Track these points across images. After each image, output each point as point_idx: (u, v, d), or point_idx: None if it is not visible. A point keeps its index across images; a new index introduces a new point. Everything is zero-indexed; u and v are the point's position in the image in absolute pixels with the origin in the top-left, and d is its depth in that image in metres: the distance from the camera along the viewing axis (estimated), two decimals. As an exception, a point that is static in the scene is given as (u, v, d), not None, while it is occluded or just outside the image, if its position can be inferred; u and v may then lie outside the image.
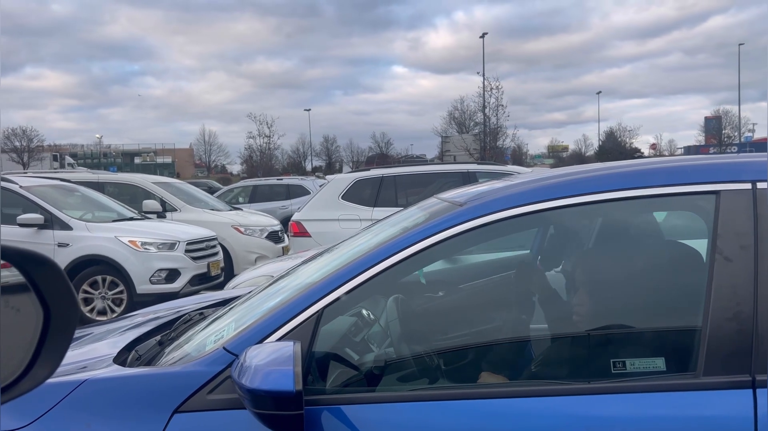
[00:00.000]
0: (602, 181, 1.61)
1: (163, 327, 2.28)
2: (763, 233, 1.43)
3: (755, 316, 1.38)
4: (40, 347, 0.82)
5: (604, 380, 1.46)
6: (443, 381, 1.68)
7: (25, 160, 49.90)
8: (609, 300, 1.72)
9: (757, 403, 1.32)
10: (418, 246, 1.58)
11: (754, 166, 1.56)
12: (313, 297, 1.55)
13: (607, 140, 61.14)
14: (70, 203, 7.86)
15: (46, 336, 0.83)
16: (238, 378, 1.35)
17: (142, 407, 1.50)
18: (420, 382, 1.67)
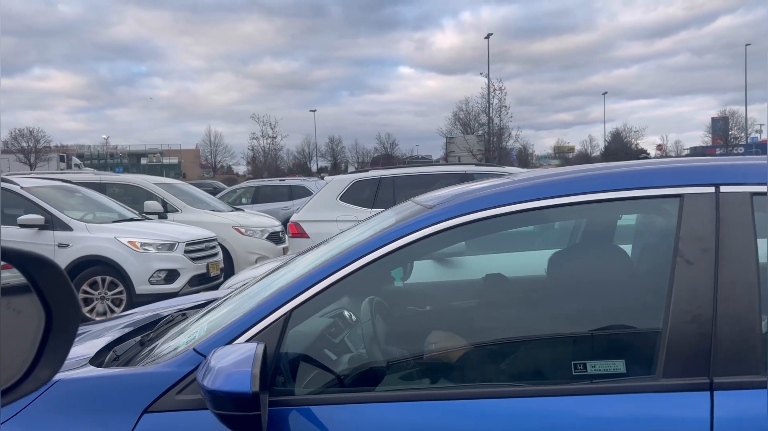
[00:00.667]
0: (568, 184, 1.62)
1: (148, 326, 2.31)
2: (725, 236, 1.44)
3: (714, 319, 1.38)
4: (41, 348, 0.83)
5: (564, 382, 1.48)
6: (414, 382, 1.70)
7: (32, 161, 50.21)
8: (573, 303, 1.73)
9: (714, 405, 1.33)
10: (386, 249, 1.59)
11: (718, 170, 1.57)
12: (281, 299, 1.57)
13: (613, 141, 60.98)
14: (70, 204, 7.92)
15: (48, 338, 0.83)
16: (200, 379, 1.37)
17: (112, 407, 1.52)
18: (391, 383, 1.69)
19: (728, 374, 1.36)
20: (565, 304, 1.71)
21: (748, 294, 1.40)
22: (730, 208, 1.46)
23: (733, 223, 1.45)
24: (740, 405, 1.34)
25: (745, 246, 1.43)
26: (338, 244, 1.85)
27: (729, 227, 1.45)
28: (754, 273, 1.41)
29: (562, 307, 1.71)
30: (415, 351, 1.84)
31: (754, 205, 1.47)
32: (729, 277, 1.41)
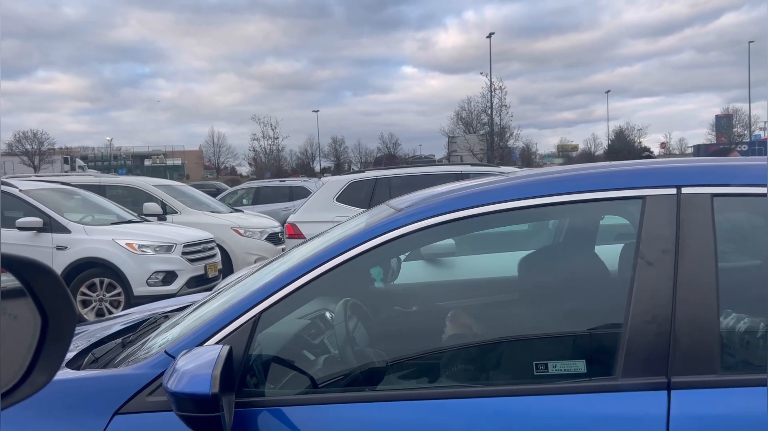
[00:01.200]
0: (532, 187, 1.64)
1: (135, 328, 2.34)
2: (685, 237, 1.46)
3: (673, 319, 1.40)
4: (38, 353, 0.83)
5: (525, 382, 1.50)
6: (383, 383, 1.72)
7: (36, 163, 50.43)
8: (536, 304, 1.75)
9: (670, 404, 1.35)
10: (354, 252, 1.62)
11: (680, 172, 1.58)
12: (250, 302, 1.60)
13: (616, 139, 60.83)
14: (69, 206, 7.97)
15: (44, 343, 0.83)
16: (165, 381, 1.40)
17: (84, 409, 1.55)
18: (362, 385, 1.71)
19: (686, 373, 1.38)
20: (531, 306, 1.73)
21: (707, 295, 1.41)
22: (690, 209, 1.48)
23: (694, 224, 1.47)
24: (696, 404, 1.35)
25: (705, 246, 1.45)
26: (310, 248, 1.88)
27: (689, 228, 1.46)
28: (712, 274, 1.42)
29: (528, 308, 1.73)
30: (387, 352, 1.86)
31: (715, 205, 1.48)
32: (688, 278, 1.42)
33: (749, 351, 1.52)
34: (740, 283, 1.60)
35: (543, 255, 1.83)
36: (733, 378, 1.39)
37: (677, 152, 63.48)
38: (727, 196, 1.52)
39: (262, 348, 1.72)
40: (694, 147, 57.60)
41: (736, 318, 1.56)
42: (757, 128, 55.70)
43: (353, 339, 1.91)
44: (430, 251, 3.47)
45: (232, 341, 1.54)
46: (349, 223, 2.05)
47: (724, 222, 1.55)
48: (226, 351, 1.42)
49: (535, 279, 1.77)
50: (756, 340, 1.53)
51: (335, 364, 1.82)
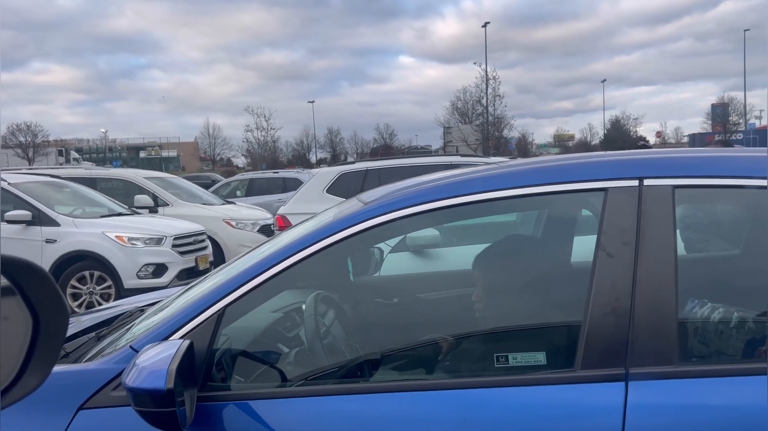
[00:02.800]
0: (495, 180, 1.64)
1: (111, 321, 2.34)
2: (645, 229, 1.46)
3: (632, 311, 1.41)
4: (29, 355, 0.81)
5: (486, 374, 1.50)
6: (352, 376, 1.73)
7: (31, 156, 50.24)
8: (499, 297, 1.75)
9: (627, 395, 1.36)
10: (319, 245, 1.62)
11: (642, 163, 1.58)
12: (215, 296, 1.60)
13: (612, 129, 60.84)
14: (59, 199, 7.95)
15: (36, 344, 0.82)
16: (124, 377, 1.40)
17: (48, 404, 1.55)
18: (329, 377, 1.72)
19: (644, 365, 1.38)
20: (493, 298, 1.74)
21: (666, 287, 1.42)
22: (652, 201, 1.48)
23: (654, 216, 1.47)
24: (653, 395, 1.36)
25: (665, 238, 1.45)
26: (278, 241, 1.88)
27: (650, 220, 1.47)
28: (672, 266, 1.43)
29: (492, 300, 1.73)
30: (359, 345, 1.87)
31: (676, 197, 1.49)
32: (647, 270, 1.43)
33: (710, 342, 1.52)
34: (703, 273, 1.61)
35: (505, 247, 1.83)
36: (690, 369, 1.40)
37: (673, 141, 63.52)
38: (688, 187, 1.52)
39: (231, 342, 1.72)
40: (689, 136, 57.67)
41: (698, 308, 1.57)
42: (752, 117, 55.77)
43: (324, 332, 1.91)
44: (415, 242, 3.48)
45: (195, 336, 1.54)
46: (318, 217, 2.05)
47: (688, 213, 1.55)
48: (186, 346, 1.42)
49: (496, 271, 1.78)
50: (717, 330, 1.54)
51: (305, 358, 1.83)
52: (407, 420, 1.44)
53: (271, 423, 1.50)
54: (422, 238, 3.39)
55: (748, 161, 1.61)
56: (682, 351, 1.41)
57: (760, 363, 1.46)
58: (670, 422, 1.33)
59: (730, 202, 1.65)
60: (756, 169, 1.53)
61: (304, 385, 1.64)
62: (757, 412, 1.32)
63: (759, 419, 1.32)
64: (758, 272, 1.68)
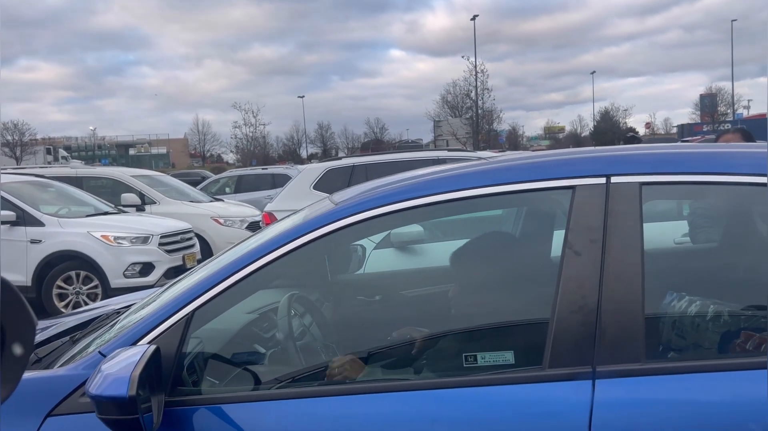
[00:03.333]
0: (463, 179, 1.64)
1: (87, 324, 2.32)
2: (612, 227, 1.46)
3: (599, 309, 1.41)
4: None
5: (454, 373, 1.50)
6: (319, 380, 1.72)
7: (18, 154, 49.81)
8: (467, 296, 1.75)
9: (594, 393, 1.36)
10: (291, 246, 1.61)
11: (610, 161, 1.58)
12: (183, 300, 1.59)
13: (602, 120, 61.02)
14: (44, 199, 7.89)
15: (2, 356, 0.80)
16: (88, 383, 1.39)
17: (15, 411, 1.53)
18: (303, 380, 1.71)
19: (610, 362, 1.39)
20: (464, 296, 1.74)
21: (633, 284, 1.42)
22: (619, 198, 1.48)
23: (621, 213, 1.47)
24: (619, 392, 1.37)
25: (632, 235, 1.45)
26: (249, 243, 1.87)
27: (617, 217, 1.46)
28: (638, 263, 1.43)
29: (463, 299, 1.73)
30: (331, 346, 1.86)
31: (643, 194, 1.49)
32: (614, 267, 1.43)
33: (677, 338, 1.53)
34: (671, 268, 1.62)
35: (474, 246, 1.83)
36: (656, 366, 1.40)
37: (662, 132, 63.81)
38: (656, 184, 1.52)
39: (204, 345, 1.71)
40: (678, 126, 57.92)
41: (667, 305, 1.57)
42: (740, 107, 56.07)
43: (300, 332, 1.91)
44: (399, 239, 3.47)
45: (163, 340, 1.53)
46: (290, 218, 2.04)
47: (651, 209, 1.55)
48: (151, 351, 1.41)
49: (466, 270, 1.78)
50: (684, 327, 1.54)
51: (278, 359, 1.82)
52: (377, 422, 1.44)
53: (244, 426, 1.50)
54: (406, 234, 3.38)
55: (716, 157, 1.61)
56: (648, 348, 1.41)
57: (725, 360, 1.47)
58: (637, 419, 1.33)
59: (697, 197, 1.66)
60: (724, 164, 1.54)
61: (276, 388, 1.64)
62: (723, 408, 1.33)
63: (725, 415, 1.32)
64: (728, 266, 1.69)
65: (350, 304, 2.22)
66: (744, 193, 1.53)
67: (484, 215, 2.22)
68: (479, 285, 1.76)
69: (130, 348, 1.48)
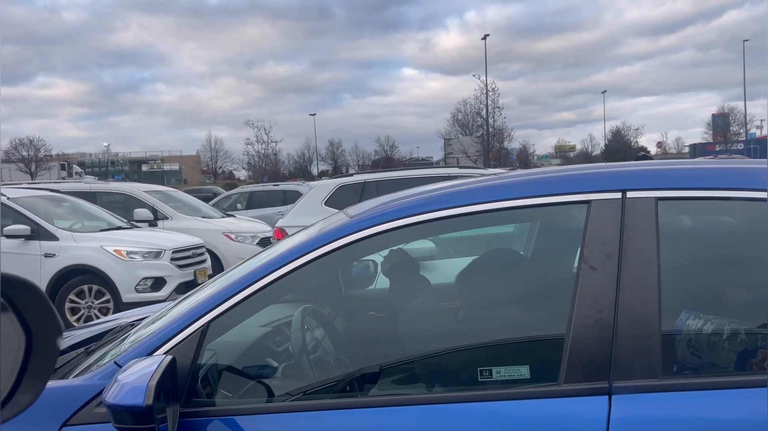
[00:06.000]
0: (478, 193, 1.64)
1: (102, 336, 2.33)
2: (628, 242, 1.46)
3: (615, 324, 1.40)
4: (22, 372, 0.81)
5: (469, 388, 1.50)
6: (338, 390, 1.72)
7: (33, 170, 50.39)
8: (482, 310, 1.75)
9: (611, 410, 1.35)
10: (305, 259, 1.62)
11: (626, 176, 1.59)
12: (198, 312, 1.60)
13: (613, 139, 60.92)
14: (58, 213, 7.97)
15: (29, 361, 0.81)
16: (104, 393, 1.39)
17: (32, 421, 1.54)
18: (316, 393, 1.71)
19: (627, 378, 1.38)
20: (477, 311, 1.73)
21: (649, 299, 1.41)
22: (634, 213, 1.48)
23: (637, 228, 1.47)
24: (636, 408, 1.35)
25: (648, 251, 1.45)
26: (264, 256, 1.88)
27: (633, 232, 1.46)
28: (655, 278, 1.42)
29: (475, 314, 1.73)
30: (348, 360, 1.86)
31: (659, 209, 1.49)
32: (630, 282, 1.42)
33: (695, 355, 1.52)
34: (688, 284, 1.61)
35: (488, 261, 1.83)
36: (674, 383, 1.39)
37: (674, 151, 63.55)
38: (672, 199, 1.52)
39: (218, 357, 1.71)
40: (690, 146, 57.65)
41: (683, 321, 1.56)
42: (753, 126, 55.79)
43: (313, 346, 1.91)
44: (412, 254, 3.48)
45: (178, 351, 1.54)
46: (305, 231, 2.05)
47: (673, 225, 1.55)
48: (167, 362, 1.42)
49: (481, 285, 1.77)
50: (702, 343, 1.53)
51: (292, 372, 1.82)
52: None
53: None
54: (417, 250, 3.39)
55: (733, 173, 1.61)
56: (665, 364, 1.40)
57: (744, 376, 1.45)
58: None
59: (714, 213, 1.65)
60: (741, 180, 1.53)
61: (291, 401, 1.64)
62: (741, 425, 1.32)
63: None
64: (746, 284, 1.67)
65: (363, 319, 2.22)
66: (762, 208, 1.52)
67: (496, 231, 2.24)
68: (493, 300, 1.76)
69: (146, 358, 1.49)
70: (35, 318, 0.82)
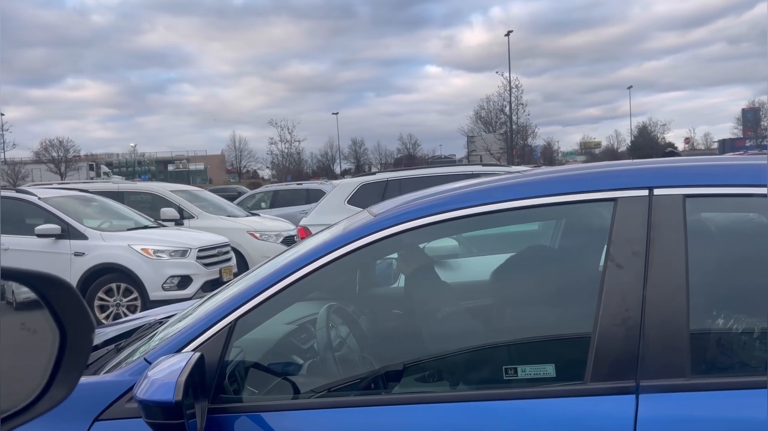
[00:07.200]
0: (502, 191, 1.64)
1: (131, 333, 2.37)
2: (656, 239, 1.44)
3: (642, 323, 1.39)
4: (56, 367, 0.83)
5: (494, 386, 1.49)
6: (363, 388, 1.73)
7: (63, 170, 51.40)
8: (506, 308, 1.74)
9: (638, 409, 1.34)
10: (330, 257, 1.63)
11: (653, 173, 1.57)
12: (226, 309, 1.62)
13: (639, 135, 60.06)
14: (87, 213, 8.12)
15: (63, 356, 0.84)
16: (135, 389, 1.42)
17: (64, 415, 1.57)
18: (342, 390, 1.72)
19: (655, 377, 1.36)
20: (502, 309, 1.73)
21: (677, 297, 1.39)
22: (662, 210, 1.46)
23: (665, 226, 1.45)
24: (664, 408, 1.34)
25: (676, 248, 1.43)
26: (290, 254, 1.89)
27: (660, 230, 1.45)
28: (683, 276, 1.40)
29: (501, 312, 1.72)
30: (372, 357, 1.87)
31: (687, 207, 1.47)
32: (658, 280, 1.41)
33: (724, 354, 1.49)
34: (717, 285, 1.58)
35: (514, 260, 1.82)
36: (702, 382, 1.37)
37: (702, 147, 62.43)
38: (700, 196, 1.50)
39: (244, 354, 1.74)
40: (719, 141, 56.52)
41: (712, 319, 1.54)
42: (785, 121, 54.55)
43: (338, 343, 1.92)
44: (434, 253, 3.48)
45: (206, 348, 1.56)
46: (330, 229, 2.06)
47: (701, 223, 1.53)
48: (196, 358, 1.44)
49: (506, 283, 1.77)
50: (731, 342, 1.51)
51: (317, 370, 1.83)
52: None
53: None
54: (441, 249, 3.38)
55: (763, 169, 1.58)
56: (694, 363, 1.38)
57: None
58: None
59: (744, 210, 1.62)
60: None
61: (316, 397, 1.65)
62: None
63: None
64: None
65: (387, 317, 2.23)
66: None
67: (521, 229, 2.23)
68: (519, 299, 1.75)
69: (175, 355, 1.51)
70: (69, 315, 0.84)
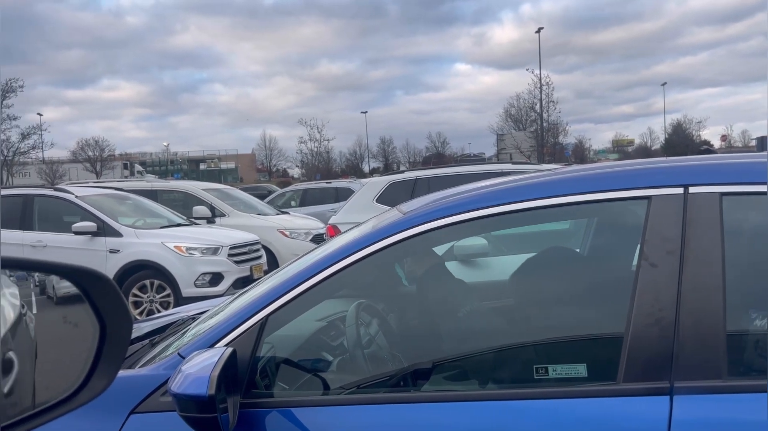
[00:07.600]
0: (534, 189, 1.62)
1: (165, 329, 2.42)
2: (691, 238, 1.41)
3: (677, 323, 1.36)
4: (97, 359, 0.87)
5: (525, 385, 1.48)
6: (393, 385, 1.73)
7: (98, 169, 52.58)
8: (537, 307, 1.73)
9: (672, 410, 1.32)
10: (359, 255, 1.64)
11: (688, 170, 1.54)
12: (258, 305, 1.64)
13: (673, 133, 58.83)
14: (122, 211, 8.30)
15: (103, 348, 0.87)
16: (170, 383, 1.45)
17: (101, 407, 1.62)
18: (371, 387, 1.73)
19: (689, 378, 1.34)
20: (533, 308, 1.71)
21: (713, 297, 1.37)
22: (698, 208, 1.44)
23: (701, 224, 1.42)
24: (699, 410, 1.31)
25: (712, 247, 1.40)
26: (320, 251, 1.91)
27: (696, 228, 1.42)
28: (719, 276, 1.38)
29: (530, 311, 1.71)
30: (402, 355, 1.87)
31: (723, 205, 1.44)
32: (693, 280, 1.38)
33: (761, 355, 1.46)
34: (754, 284, 1.54)
35: (545, 258, 1.80)
36: (739, 384, 1.34)
37: (739, 144, 60.88)
38: (737, 194, 1.47)
39: (275, 350, 1.76)
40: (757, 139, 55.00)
41: (749, 319, 1.51)
42: (827, 117, 52.80)
43: (367, 341, 1.93)
44: (463, 251, 3.46)
45: (239, 344, 1.59)
46: (359, 227, 2.07)
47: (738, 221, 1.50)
48: (228, 353, 1.47)
49: (537, 282, 1.75)
50: None
51: (347, 367, 1.85)
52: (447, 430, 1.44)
53: (314, 430, 1.53)
54: (470, 247, 3.37)
55: None
56: (730, 364, 1.36)
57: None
58: None
59: None
60: None
61: (346, 394, 1.66)
62: None
63: None
64: None
65: (415, 315, 2.23)
66: None
67: (552, 227, 2.20)
68: (549, 298, 1.74)
69: (208, 350, 1.54)
70: (108, 309, 0.87)
